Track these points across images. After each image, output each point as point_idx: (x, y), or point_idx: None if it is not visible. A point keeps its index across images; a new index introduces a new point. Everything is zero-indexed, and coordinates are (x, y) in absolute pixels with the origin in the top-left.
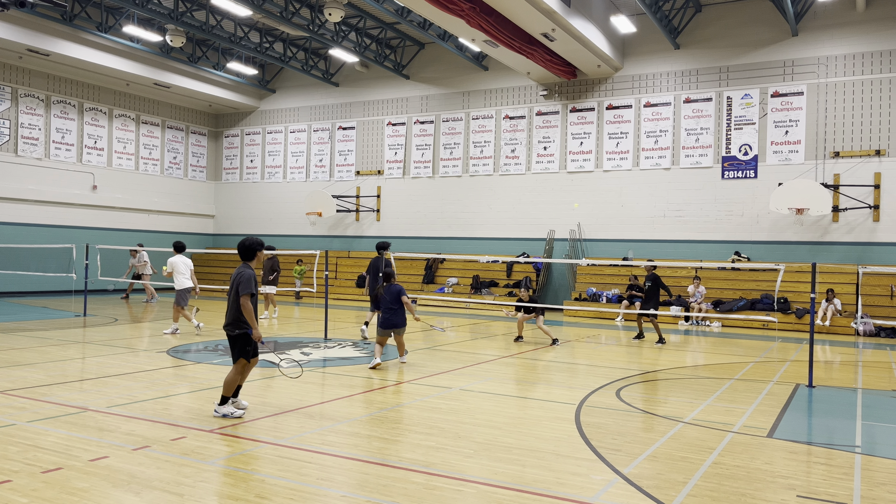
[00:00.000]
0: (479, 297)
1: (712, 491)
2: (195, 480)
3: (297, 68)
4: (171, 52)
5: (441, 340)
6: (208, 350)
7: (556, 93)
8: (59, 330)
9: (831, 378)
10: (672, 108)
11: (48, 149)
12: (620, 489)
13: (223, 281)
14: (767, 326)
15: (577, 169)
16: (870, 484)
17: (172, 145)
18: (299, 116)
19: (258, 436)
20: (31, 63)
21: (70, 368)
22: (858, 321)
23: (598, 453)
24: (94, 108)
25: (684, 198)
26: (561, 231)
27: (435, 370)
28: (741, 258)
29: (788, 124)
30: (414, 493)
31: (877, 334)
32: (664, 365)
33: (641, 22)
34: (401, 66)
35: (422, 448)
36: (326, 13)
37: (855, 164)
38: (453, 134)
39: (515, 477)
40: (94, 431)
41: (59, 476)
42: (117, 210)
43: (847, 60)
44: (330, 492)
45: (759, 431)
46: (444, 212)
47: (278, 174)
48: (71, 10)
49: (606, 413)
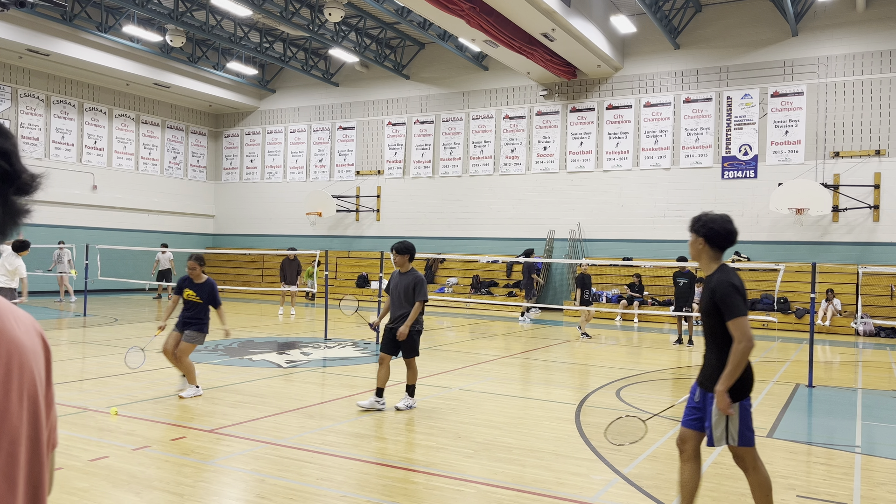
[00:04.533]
0: (480, 296)
1: (712, 491)
2: (195, 480)
3: (297, 68)
4: (171, 52)
5: (441, 340)
6: (208, 350)
7: (556, 93)
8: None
9: (831, 378)
10: (672, 108)
11: (48, 149)
12: (620, 489)
13: (223, 281)
14: (767, 326)
15: (577, 169)
16: (870, 484)
17: (172, 145)
18: (299, 116)
19: (258, 436)
20: (31, 63)
21: (70, 368)
22: (858, 321)
23: (598, 453)
24: (94, 108)
25: (684, 198)
26: (561, 231)
27: (435, 370)
28: (741, 258)
29: (788, 124)
30: (414, 493)
31: (877, 334)
32: (664, 365)
33: (641, 22)
34: (401, 66)
35: (422, 448)
36: (326, 13)
37: (855, 164)
38: (453, 134)
39: (515, 477)
40: (94, 431)
41: (59, 476)
42: (117, 210)
43: (847, 60)
44: (330, 492)
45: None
46: (444, 212)
47: (278, 174)
48: (71, 10)
49: (606, 413)
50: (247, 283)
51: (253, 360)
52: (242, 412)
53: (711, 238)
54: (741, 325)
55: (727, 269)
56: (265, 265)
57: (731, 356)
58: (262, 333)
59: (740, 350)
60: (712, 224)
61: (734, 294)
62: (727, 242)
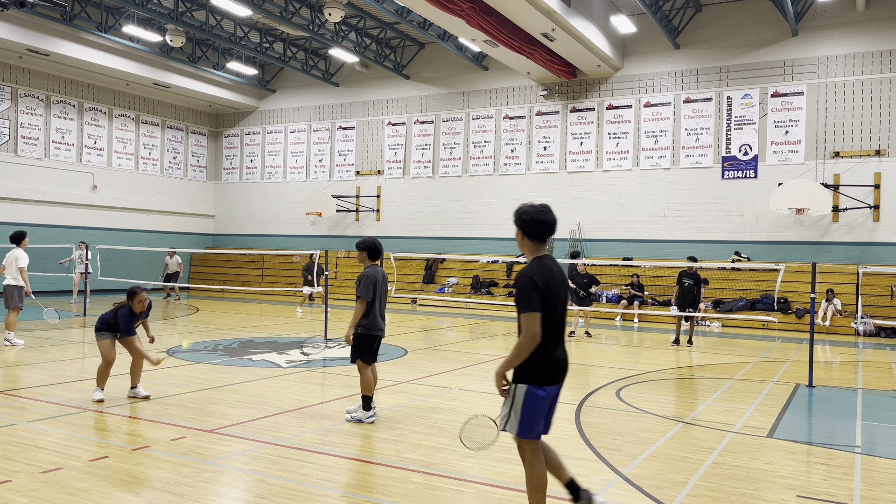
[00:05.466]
0: (480, 296)
1: (712, 491)
2: (195, 480)
3: (297, 68)
4: (171, 52)
5: (441, 340)
6: (208, 350)
7: (556, 93)
8: (60, 330)
9: (831, 378)
10: (672, 108)
11: (48, 149)
12: (620, 489)
13: (222, 281)
14: (767, 326)
15: (577, 169)
16: (870, 484)
17: (172, 145)
18: (299, 116)
19: (258, 436)
20: (31, 63)
21: (70, 368)
22: (858, 321)
23: (598, 453)
24: (93, 108)
25: (684, 198)
26: (561, 231)
27: (435, 370)
28: (741, 258)
29: (788, 124)
30: (414, 493)
31: (877, 334)
32: (664, 365)
33: (641, 22)
34: (401, 66)
35: (422, 448)
36: (326, 13)
37: (855, 164)
38: (453, 134)
39: (515, 477)
40: (94, 431)
41: (59, 476)
42: (117, 210)
43: (847, 60)
44: (330, 492)
45: (759, 431)
46: (444, 212)
47: (278, 174)
48: (71, 10)
49: (606, 413)
50: (247, 283)
51: (253, 360)
52: (242, 412)
53: (525, 229)
54: (528, 320)
55: (538, 262)
56: (265, 265)
57: (514, 345)
58: (262, 333)
59: (522, 343)
60: (524, 215)
61: (529, 289)
62: (542, 232)
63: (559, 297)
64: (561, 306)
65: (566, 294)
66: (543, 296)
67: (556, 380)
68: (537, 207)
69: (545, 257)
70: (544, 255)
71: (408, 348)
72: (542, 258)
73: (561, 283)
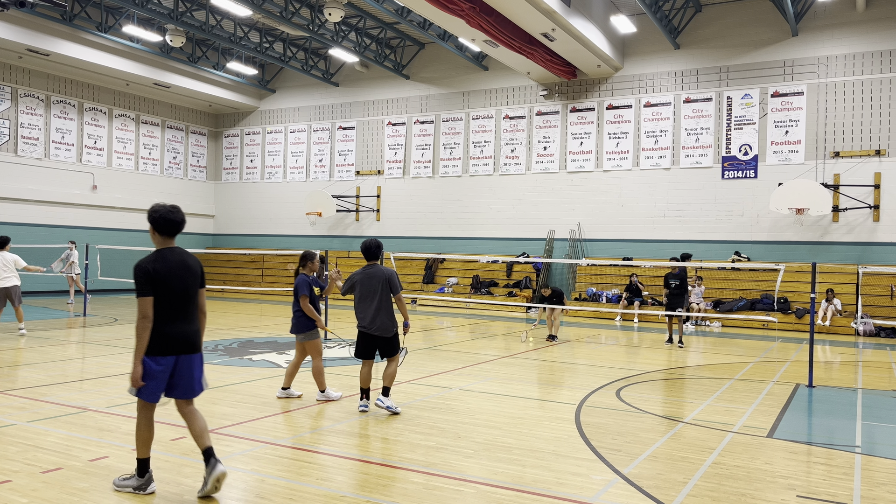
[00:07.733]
0: (480, 296)
1: (712, 491)
2: (195, 480)
3: (297, 68)
4: (171, 52)
5: (441, 340)
6: (208, 350)
7: (556, 93)
8: (59, 330)
9: (831, 378)
10: (672, 108)
11: (48, 149)
12: (620, 489)
13: (222, 281)
14: (767, 326)
15: (577, 169)
16: (870, 484)
17: (172, 145)
18: (299, 116)
19: (258, 436)
20: (31, 63)
21: (70, 368)
22: (858, 321)
23: (598, 453)
24: (93, 108)
25: (684, 198)
26: (561, 231)
27: (435, 370)
28: (741, 258)
29: (788, 124)
30: (414, 493)
31: (877, 334)
32: (664, 365)
33: (641, 22)
34: (401, 66)
35: (422, 448)
36: (326, 13)
37: (855, 164)
38: (453, 134)
39: (515, 477)
40: (94, 431)
41: (59, 476)
42: (117, 210)
43: (847, 60)
44: (330, 492)
45: (759, 431)
46: (444, 212)
47: (278, 174)
48: (71, 10)
49: (606, 413)
50: (247, 283)
51: (253, 360)
52: (242, 412)
53: (155, 225)
54: (140, 304)
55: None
56: (265, 265)
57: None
58: (262, 333)
59: (137, 325)
60: (154, 213)
61: (140, 277)
62: (169, 229)
63: (172, 282)
64: (178, 289)
65: (187, 279)
66: (154, 282)
67: (174, 351)
68: (167, 207)
69: (166, 250)
70: (166, 248)
71: (408, 348)
72: (163, 251)
73: (179, 270)
